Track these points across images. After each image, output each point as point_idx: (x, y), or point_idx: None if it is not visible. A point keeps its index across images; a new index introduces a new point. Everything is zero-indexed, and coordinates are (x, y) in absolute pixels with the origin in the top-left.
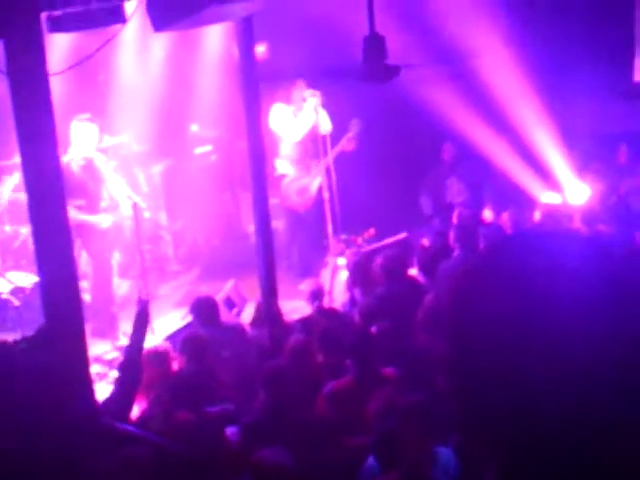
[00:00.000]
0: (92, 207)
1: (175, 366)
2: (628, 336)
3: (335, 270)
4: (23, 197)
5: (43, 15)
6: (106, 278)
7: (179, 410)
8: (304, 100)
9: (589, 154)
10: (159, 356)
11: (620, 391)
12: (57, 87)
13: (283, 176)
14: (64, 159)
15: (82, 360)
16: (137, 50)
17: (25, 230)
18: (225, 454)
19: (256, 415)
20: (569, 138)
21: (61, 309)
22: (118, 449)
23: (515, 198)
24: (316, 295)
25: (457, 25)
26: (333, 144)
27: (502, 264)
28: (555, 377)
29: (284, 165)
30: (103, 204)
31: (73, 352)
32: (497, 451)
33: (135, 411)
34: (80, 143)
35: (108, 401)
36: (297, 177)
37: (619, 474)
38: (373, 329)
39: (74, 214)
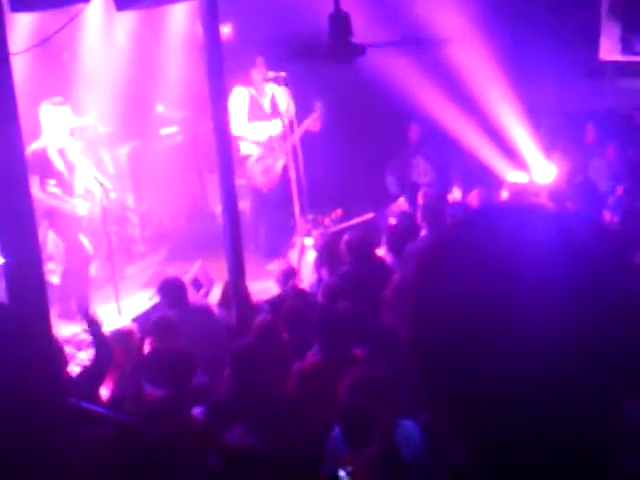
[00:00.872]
0: (68, 193)
1: (145, 347)
2: (590, 312)
3: (302, 250)
4: None
5: None
6: (81, 261)
7: (146, 389)
8: (265, 80)
9: (555, 133)
10: (124, 336)
11: (582, 367)
12: (21, 68)
13: (248, 156)
14: (39, 144)
15: (47, 341)
16: (101, 30)
17: None
18: (192, 433)
19: (223, 394)
20: (535, 117)
21: (25, 290)
22: (84, 429)
23: (482, 178)
24: (288, 275)
25: (424, 5)
26: (298, 124)
27: (466, 240)
28: (518, 353)
29: (248, 145)
30: (78, 190)
31: (37, 333)
32: (462, 427)
33: (102, 391)
34: (52, 127)
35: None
36: (261, 157)
37: (584, 452)
38: (337, 307)
39: (49, 200)
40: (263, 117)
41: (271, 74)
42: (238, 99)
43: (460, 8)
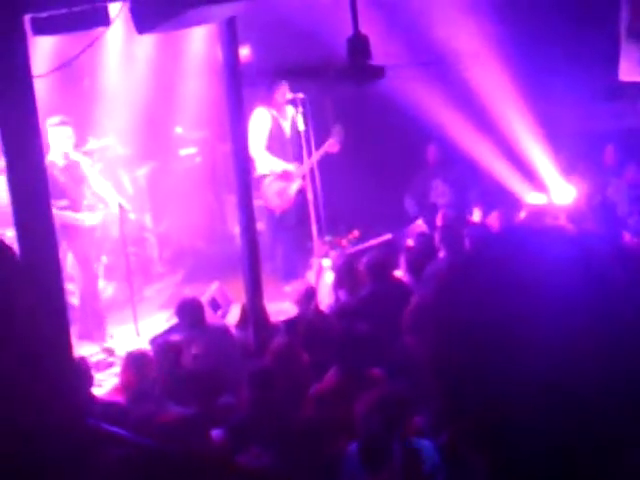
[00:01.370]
0: (74, 207)
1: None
2: (608, 334)
3: (320, 272)
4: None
5: (27, 17)
6: (91, 278)
7: (171, 409)
8: (286, 102)
9: (575, 154)
10: (137, 359)
11: (601, 384)
12: (43, 90)
13: (263, 177)
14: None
15: (68, 363)
16: (121, 53)
17: (10, 233)
18: (210, 456)
19: (241, 417)
20: (555, 138)
21: (47, 315)
22: (104, 451)
23: (501, 199)
24: (307, 296)
25: (441, 26)
26: (317, 146)
27: (487, 262)
28: (537, 371)
29: (264, 166)
30: (85, 203)
31: (59, 355)
32: (484, 448)
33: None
34: (57, 146)
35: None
36: (277, 178)
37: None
38: (355, 329)
39: (57, 213)
40: (283, 139)
41: (289, 95)
42: (260, 120)
43: (478, 29)
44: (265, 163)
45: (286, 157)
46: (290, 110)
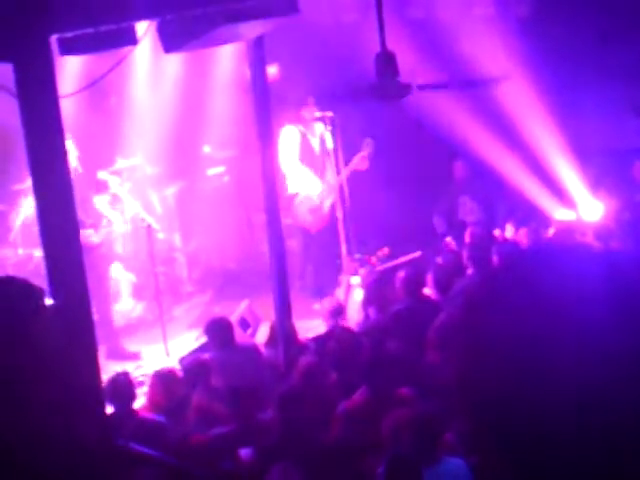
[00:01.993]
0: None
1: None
2: (637, 349)
3: (349, 289)
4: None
5: (54, 38)
6: (104, 296)
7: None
8: (314, 120)
9: (603, 170)
10: (165, 378)
11: (633, 405)
12: (71, 110)
13: (295, 195)
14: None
15: (95, 382)
16: (149, 72)
17: (38, 253)
18: (238, 476)
19: (269, 436)
20: (583, 154)
21: (75, 332)
22: (132, 471)
23: (529, 216)
24: (336, 312)
25: (469, 44)
26: (346, 162)
27: (515, 278)
28: (565, 390)
29: (295, 184)
30: (89, 221)
31: (87, 374)
32: (514, 469)
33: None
34: None
35: None
36: (309, 196)
37: None
38: (385, 347)
39: None
40: (313, 156)
41: (318, 113)
42: (289, 138)
43: (505, 46)
44: (297, 179)
45: (315, 175)
46: (319, 127)
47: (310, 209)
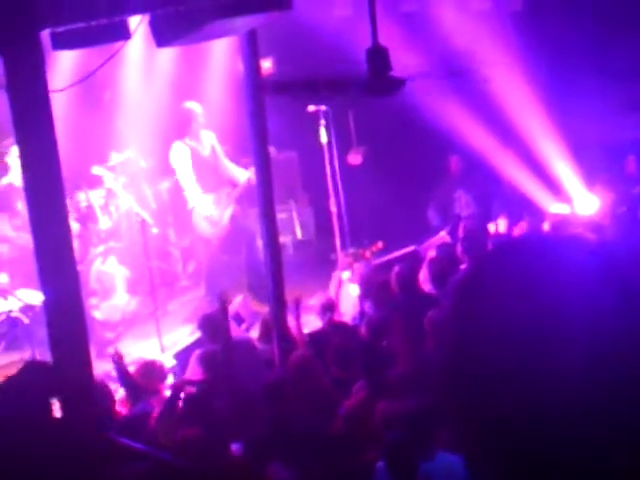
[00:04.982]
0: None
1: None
2: (631, 342)
3: (339, 284)
4: None
5: (47, 32)
6: None
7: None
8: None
9: (598, 165)
10: (148, 368)
11: (629, 400)
12: (63, 105)
13: (192, 209)
14: (3, 181)
15: (87, 378)
16: (142, 66)
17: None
18: (230, 469)
19: (259, 429)
20: (577, 149)
21: (65, 326)
22: (123, 465)
23: (524, 210)
24: (327, 308)
25: (463, 37)
26: (338, 157)
27: (504, 266)
28: (559, 384)
29: (195, 196)
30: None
31: (77, 371)
32: (499, 461)
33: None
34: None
35: None
36: (206, 208)
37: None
38: (382, 343)
39: (20, 238)
40: (205, 168)
41: (311, 108)
42: (179, 154)
43: (500, 39)
44: (193, 193)
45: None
46: (208, 137)
47: (208, 221)
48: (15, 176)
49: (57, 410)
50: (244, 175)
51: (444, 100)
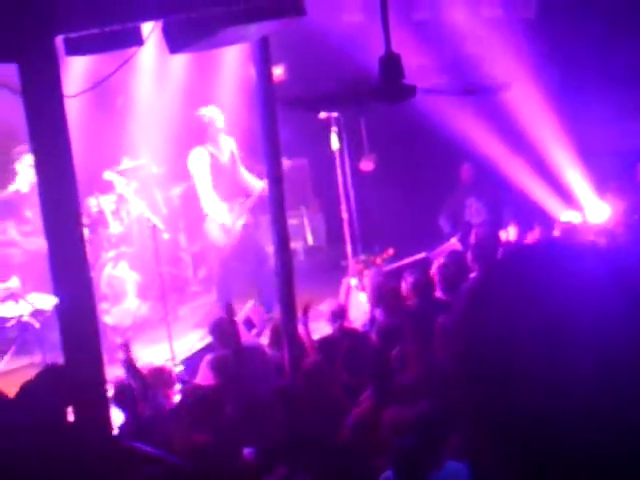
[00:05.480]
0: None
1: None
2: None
3: (348, 290)
4: None
5: (60, 38)
6: None
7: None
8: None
9: (609, 173)
10: (156, 374)
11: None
12: (76, 110)
13: (206, 216)
14: (11, 188)
15: (99, 382)
16: (155, 72)
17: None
18: (241, 474)
19: (269, 435)
20: (589, 157)
21: (77, 331)
22: (137, 470)
23: (535, 217)
24: (337, 314)
25: (474, 46)
26: (351, 164)
27: (516, 273)
28: (569, 389)
29: (211, 203)
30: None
31: (90, 375)
32: (511, 465)
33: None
34: (25, 174)
35: None
36: (220, 215)
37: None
38: (392, 350)
39: (27, 243)
40: (223, 175)
41: (323, 114)
42: (198, 160)
43: (511, 48)
44: (209, 200)
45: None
46: (227, 143)
47: (221, 228)
48: (22, 183)
49: (70, 414)
50: (259, 184)
51: (455, 107)
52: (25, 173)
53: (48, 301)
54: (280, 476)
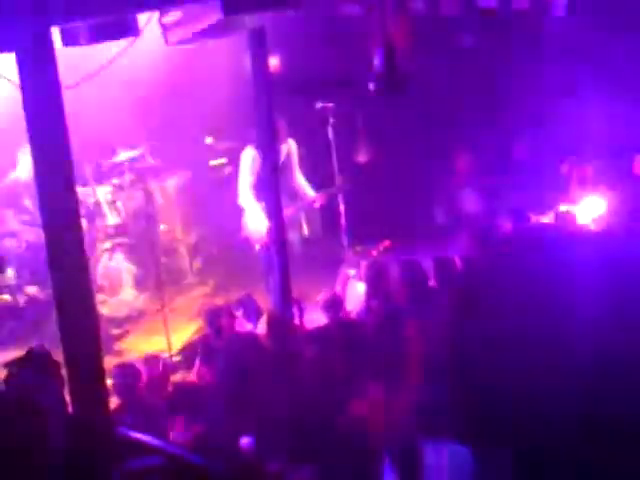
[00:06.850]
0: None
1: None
2: (628, 331)
3: (346, 281)
4: None
5: (57, 28)
6: None
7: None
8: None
9: (604, 164)
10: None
11: (624, 385)
12: (72, 101)
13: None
14: (11, 176)
15: (98, 372)
16: (151, 63)
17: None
18: (240, 465)
19: (267, 427)
20: (584, 148)
21: (75, 320)
22: (133, 459)
23: (531, 209)
24: (333, 304)
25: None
26: (346, 154)
27: (506, 256)
28: (557, 369)
29: (246, 202)
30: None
31: (89, 364)
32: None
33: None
34: (25, 163)
35: None
36: (256, 214)
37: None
38: (391, 340)
39: (26, 232)
40: None
41: (319, 105)
42: (247, 159)
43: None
44: (248, 200)
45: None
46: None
47: (255, 227)
48: (22, 171)
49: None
50: (311, 193)
51: (452, 97)
52: (26, 161)
53: (45, 291)
54: (283, 469)
